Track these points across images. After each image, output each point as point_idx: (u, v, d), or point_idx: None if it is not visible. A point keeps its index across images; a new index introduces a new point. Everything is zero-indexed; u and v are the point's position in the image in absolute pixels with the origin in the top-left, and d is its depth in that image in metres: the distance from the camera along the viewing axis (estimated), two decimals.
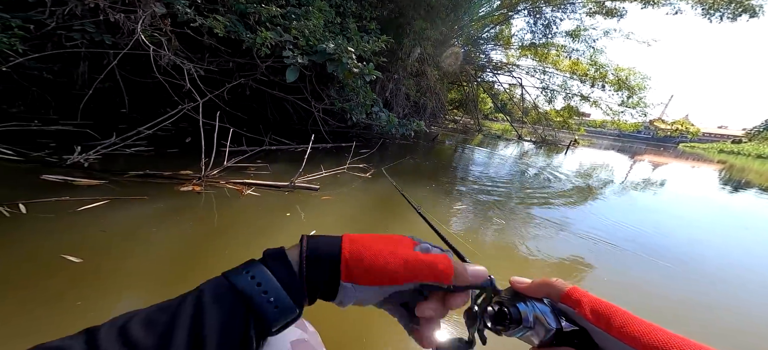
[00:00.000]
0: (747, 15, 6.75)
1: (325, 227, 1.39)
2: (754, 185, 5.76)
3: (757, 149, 23.32)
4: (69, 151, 1.71)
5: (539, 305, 0.27)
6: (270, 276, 0.23)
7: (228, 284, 0.22)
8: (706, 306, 1.21)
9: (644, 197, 3.27)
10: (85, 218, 1.19)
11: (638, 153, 12.42)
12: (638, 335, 0.21)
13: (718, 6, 7.12)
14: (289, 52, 2.55)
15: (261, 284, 0.23)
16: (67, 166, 1.54)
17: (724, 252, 1.86)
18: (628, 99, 9.58)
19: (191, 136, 2.49)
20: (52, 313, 0.76)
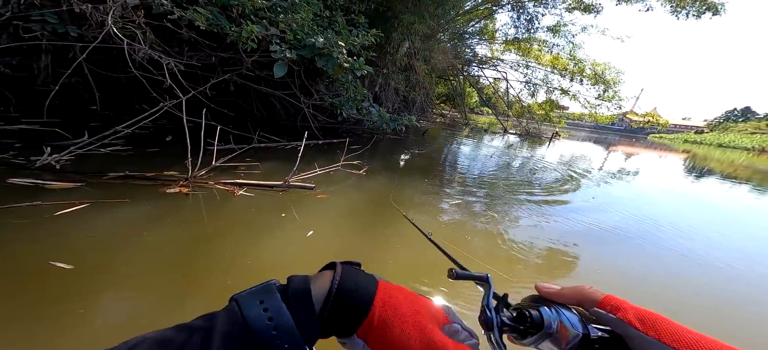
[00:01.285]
0: (710, 13, 7.26)
1: (323, 227, 1.38)
2: (716, 172, 6.31)
3: (717, 138, 25.43)
4: (37, 151, 1.57)
5: (566, 311, 0.26)
6: (288, 317, 0.21)
7: (242, 324, 0.20)
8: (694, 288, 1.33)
9: (622, 186, 3.49)
10: (66, 223, 1.11)
11: (613, 144, 13.17)
12: (693, 343, 0.21)
13: (684, 4, 7.60)
14: (276, 46, 2.46)
15: (277, 329, 0.20)
16: (36, 168, 1.42)
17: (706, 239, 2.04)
18: (604, 92, 10.08)
19: (172, 134, 2.36)
20: (56, 323, 0.72)
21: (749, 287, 1.37)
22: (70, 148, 1.50)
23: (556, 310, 0.26)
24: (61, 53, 2.17)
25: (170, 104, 1.83)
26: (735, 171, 6.96)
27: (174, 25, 2.25)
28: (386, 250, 1.25)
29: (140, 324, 0.76)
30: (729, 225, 2.40)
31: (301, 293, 0.22)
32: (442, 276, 1.05)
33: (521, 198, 2.30)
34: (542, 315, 0.26)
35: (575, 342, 0.25)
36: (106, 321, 0.75)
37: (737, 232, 2.20)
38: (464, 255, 1.28)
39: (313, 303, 0.22)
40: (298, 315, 0.22)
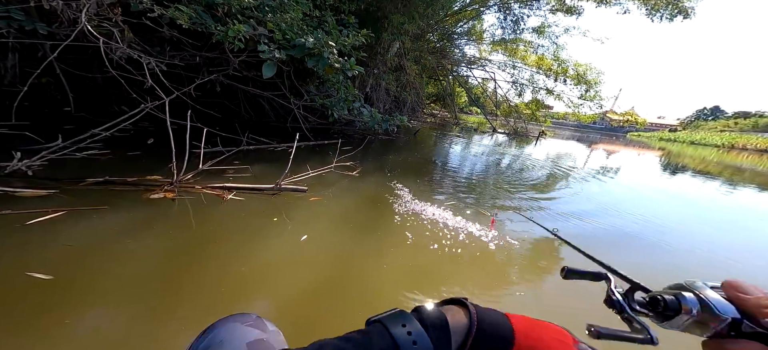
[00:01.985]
0: (681, 16, 7.71)
1: (317, 230, 1.36)
2: (689, 168, 6.71)
3: (689, 136, 27.03)
4: (5, 157, 1.46)
5: (713, 295, 0.26)
6: (428, 341, 0.23)
7: (392, 341, 0.22)
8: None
9: (603, 184, 3.64)
10: (41, 232, 1.04)
11: (595, 142, 13.75)
12: None
13: (658, 7, 8.05)
14: (264, 46, 2.41)
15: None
16: (5, 175, 1.32)
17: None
18: (586, 92, 10.49)
19: (154, 137, 2.26)
20: (40, 336, 0.68)
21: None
22: (42, 153, 1.40)
23: (706, 296, 0.26)
24: (29, 52, 2.03)
25: (152, 106, 1.76)
26: (707, 167, 7.42)
27: (154, 24, 2.16)
28: (382, 254, 1.25)
29: (132, 334, 0.72)
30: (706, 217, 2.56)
31: (439, 323, 0.24)
32: (437, 280, 1.07)
33: (511, 196, 2.36)
34: (680, 300, 0.26)
35: (723, 326, 0.25)
36: (95, 332, 0.71)
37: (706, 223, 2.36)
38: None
39: (451, 333, 0.24)
40: (436, 341, 0.23)
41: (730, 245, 1.94)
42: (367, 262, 1.17)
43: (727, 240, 2.02)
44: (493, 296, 1.08)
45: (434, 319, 0.24)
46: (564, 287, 1.11)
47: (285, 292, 0.95)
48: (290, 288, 0.97)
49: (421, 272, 1.15)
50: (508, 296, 1.09)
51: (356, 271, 1.11)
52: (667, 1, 7.77)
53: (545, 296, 1.10)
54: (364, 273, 1.11)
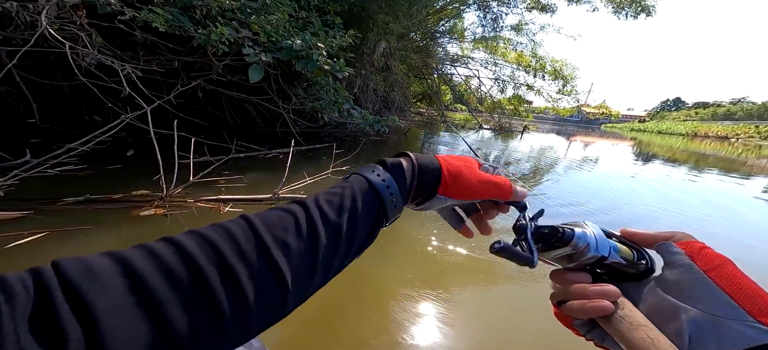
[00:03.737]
0: (644, 14, 8.37)
1: None
2: (659, 156, 7.27)
3: (657, 126, 29.26)
4: None
5: (603, 238, 0.28)
6: (394, 181, 0.31)
7: (368, 183, 0.30)
8: None
9: (584, 174, 3.87)
10: (21, 256, 0.96)
11: (573, 134, 14.55)
12: (724, 274, 0.23)
13: (623, 5, 8.68)
14: (249, 49, 2.34)
15: (389, 187, 0.30)
16: None
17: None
18: (564, 87, 11.07)
19: (134, 148, 2.12)
20: None
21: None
22: (13, 172, 1.27)
23: (594, 234, 0.28)
24: None
25: (133, 116, 1.65)
26: (674, 154, 8.07)
27: (127, 27, 2.03)
28: (383, 260, 1.24)
29: None
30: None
31: (397, 165, 0.32)
32: (440, 287, 1.08)
33: None
34: (574, 234, 0.28)
35: (588, 261, 0.28)
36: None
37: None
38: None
39: (405, 171, 0.32)
40: (397, 179, 0.31)
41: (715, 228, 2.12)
42: (370, 272, 1.16)
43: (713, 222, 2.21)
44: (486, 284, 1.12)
45: (393, 163, 0.32)
46: None
47: None
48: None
49: (423, 278, 1.15)
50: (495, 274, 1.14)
51: (358, 279, 1.10)
52: (631, 0, 8.39)
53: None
54: (369, 280, 1.11)
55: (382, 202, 0.30)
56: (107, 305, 0.16)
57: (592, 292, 0.27)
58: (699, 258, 0.25)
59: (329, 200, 0.28)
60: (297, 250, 0.24)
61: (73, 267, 0.16)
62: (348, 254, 0.28)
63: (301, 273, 0.24)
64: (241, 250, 0.22)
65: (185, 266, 0.19)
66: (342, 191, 0.29)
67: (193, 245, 0.20)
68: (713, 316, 0.22)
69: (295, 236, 0.24)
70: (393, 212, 0.31)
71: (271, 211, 0.26)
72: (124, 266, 0.18)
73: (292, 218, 0.25)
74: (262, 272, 0.22)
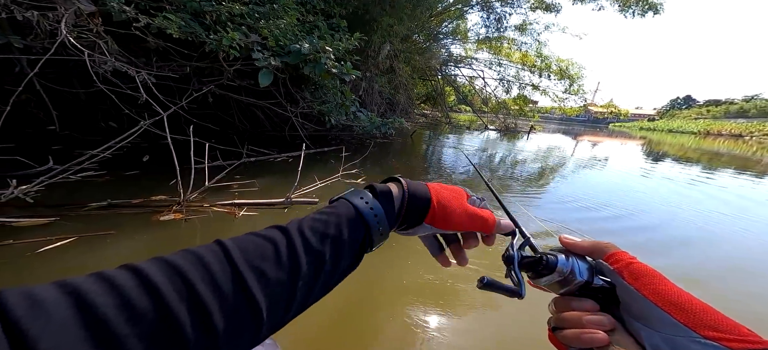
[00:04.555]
0: (652, 12, 8.32)
1: None
2: (670, 155, 7.20)
3: (667, 125, 28.91)
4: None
5: (580, 261, 0.30)
6: (381, 209, 0.31)
7: (355, 211, 0.30)
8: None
9: (598, 173, 3.85)
10: (55, 260, 1.00)
11: (580, 134, 14.46)
12: (661, 291, 0.24)
13: (629, 3, 8.64)
14: (259, 53, 2.40)
15: (377, 216, 0.31)
16: (1, 204, 1.25)
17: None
18: (570, 87, 11.04)
19: (149, 154, 2.19)
20: None
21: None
22: (40, 179, 1.33)
23: (572, 259, 0.29)
24: (5, 68, 1.93)
25: (150, 122, 1.71)
26: (686, 153, 7.98)
27: (141, 34, 2.10)
28: (398, 267, 1.26)
29: None
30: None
31: (386, 192, 0.33)
32: (447, 300, 1.09)
33: (518, 190, 2.46)
34: (558, 261, 0.29)
35: (575, 286, 0.29)
36: None
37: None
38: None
39: (394, 199, 0.33)
40: (385, 206, 0.32)
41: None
42: (383, 277, 1.18)
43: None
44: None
45: (382, 190, 0.33)
46: None
47: None
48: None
49: (431, 287, 1.16)
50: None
51: (367, 282, 1.12)
52: None
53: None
54: (380, 287, 1.12)
55: (368, 230, 0.30)
56: (52, 342, 0.14)
57: (587, 322, 0.27)
58: (628, 274, 0.26)
59: (313, 227, 0.27)
60: (275, 280, 0.23)
61: (15, 300, 0.15)
62: (329, 282, 0.28)
63: (279, 303, 0.23)
64: (214, 281, 0.20)
65: (148, 297, 0.18)
66: (327, 217, 0.29)
67: (159, 274, 0.19)
68: (666, 336, 0.22)
69: (275, 265, 0.23)
70: (378, 239, 0.31)
71: (250, 237, 0.25)
72: (76, 297, 0.16)
73: (271, 246, 0.24)
74: (237, 305, 0.21)
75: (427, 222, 0.34)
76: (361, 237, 0.30)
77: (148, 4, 2.13)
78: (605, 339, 0.25)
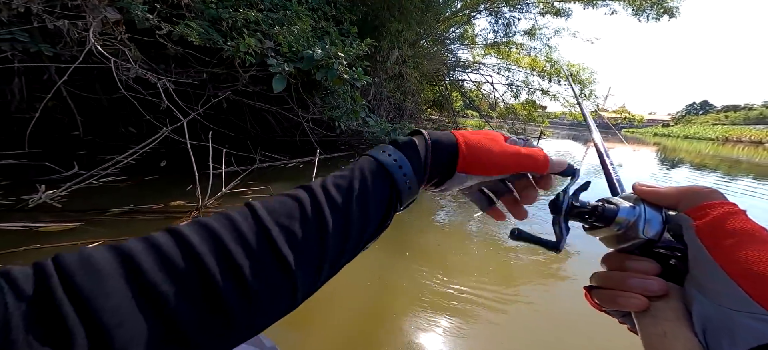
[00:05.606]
0: (668, 16, 8.26)
1: None
2: (686, 162, 7.08)
3: (683, 131, 28.34)
4: (26, 188, 1.46)
5: (653, 212, 0.24)
6: (406, 161, 0.29)
7: (377, 164, 0.28)
8: None
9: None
10: None
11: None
12: (744, 257, 0.18)
13: (644, 7, 8.60)
14: (273, 59, 2.49)
15: (402, 167, 0.29)
16: (29, 209, 1.32)
17: None
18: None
19: (166, 159, 2.27)
20: None
21: None
22: (67, 184, 1.40)
23: (641, 209, 0.25)
24: (34, 75, 2.05)
25: (171, 129, 1.79)
26: (703, 160, 7.82)
27: (163, 40, 2.21)
28: (411, 273, 1.29)
29: None
30: None
31: (410, 143, 0.31)
32: (462, 313, 1.11)
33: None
34: (619, 210, 0.25)
35: (633, 244, 0.25)
36: None
37: None
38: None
39: (418, 149, 0.30)
40: (410, 157, 0.30)
41: None
42: (399, 282, 1.20)
43: None
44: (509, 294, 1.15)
45: (405, 142, 0.31)
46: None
47: (300, 313, 0.99)
48: (306, 309, 1.02)
49: (445, 294, 1.16)
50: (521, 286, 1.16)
51: (377, 291, 1.14)
52: (653, 2, 8.32)
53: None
54: (386, 291, 1.15)
55: (395, 184, 0.28)
56: (109, 304, 0.16)
57: (630, 284, 0.23)
58: (709, 230, 0.21)
59: (337, 184, 0.26)
60: (303, 239, 0.23)
61: (73, 263, 0.17)
62: (360, 242, 0.27)
63: (309, 263, 0.23)
64: (244, 240, 0.21)
65: (187, 258, 0.19)
66: (351, 174, 0.27)
67: (195, 236, 0.20)
68: (724, 310, 0.18)
69: (301, 223, 0.23)
70: (407, 195, 0.29)
71: (276, 198, 0.25)
72: (125, 259, 0.18)
73: (297, 204, 0.24)
74: (266, 262, 0.21)
75: (461, 171, 0.30)
76: (388, 193, 0.28)
77: (169, 12, 2.24)
78: (643, 304, 0.22)
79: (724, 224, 0.20)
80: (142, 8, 2.05)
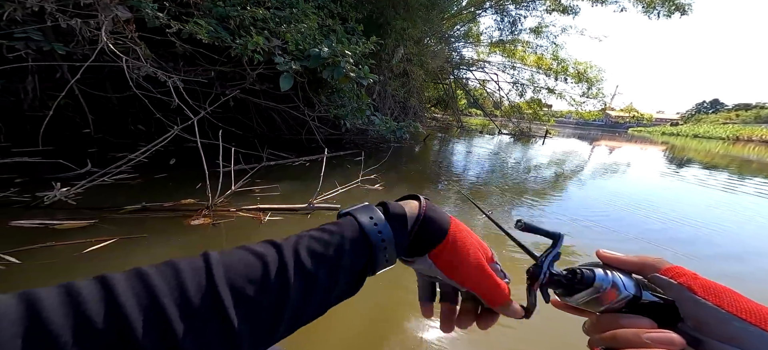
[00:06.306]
0: (679, 12, 8.12)
1: None
2: (695, 161, 6.99)
3: (692, 130, 27.99)
4: (41, 186, 1.49)
5: (623, 276, 0.28)
6: (390, 233, 0.28)
7: (360, 232, 0.28)
8: None
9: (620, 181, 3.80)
10: (98, 260, 1.08)
11: (598, 138, 14.17)
12: (743, 306, 0.23)
13: (654, 4, 8.47)
14: (280, 58, 2.51)
15: (384, 240, 0.28)
16: (45, 206, 1.36)
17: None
18: (589, 90, 10.88)
19: (175, 157, 2.31)
20: None
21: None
22: (82, 182, 1.44)
23: (612, 273, 0.28)
24: (46, 74, 2.09)
25: (182, 127, 1.82)
26: (713, 159, 7.73)
27: (167, 39, 2.24)
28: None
29: None
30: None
31: (399, 214, 0.30)
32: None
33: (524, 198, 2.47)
34: (595, 275, 0.28)
35: (620, 303, 0.27)
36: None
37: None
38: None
39: (407, 222, 0.30)
40: (395, 229, 0.29)
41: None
42: (400, 279, 1.20)
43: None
44: None
45: (395, 211, 0.30)
46: None
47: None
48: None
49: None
50: None
51: (386, 289, 1.15)
52: None
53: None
54: (396, 289, 1.15)
55: (372, 255, 0.28)
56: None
57: (651, 339, 0.23)
58: (699, 287, 0.24)
59: (310, 247, 0.26)
60: (258, 303, 0.22)
61: None
62: (322, 306, 0.26)
63: (260, 326, 0.22)
64: (185, 298, 0.20)
65: (107, 313, 0.17)
66: (329, 237, 0.27)
67: (127, 288, 0.18)
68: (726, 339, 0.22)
69: (260, 287, 0.22)
70: (382, 265, 0.29)
71: (240, 252, 0.24)
72: (31, 308, 0.16)
73: (260, 265, 0.23)
74: (207, 325, 0.20)
75: (431, 258, 0.30)
76: (363, 262, 0.28)
77: (178, 10, 2.27)
78: None
79: (699, 280, 0.25)
80: (153, 6, 2.08)
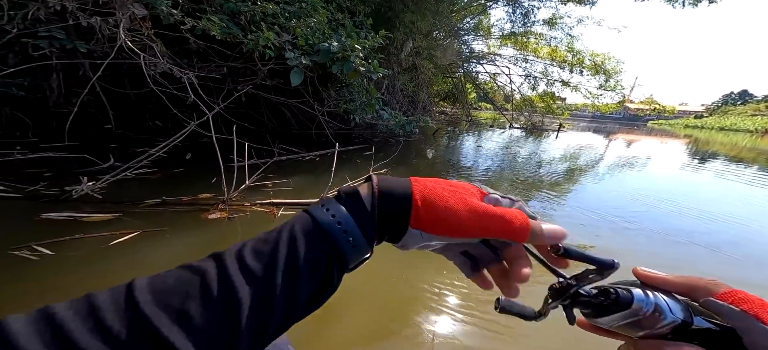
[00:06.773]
0: (707, 1, 7.60)
1: None
2: (720, 155, 6.67)
3: (718, 122, 26.64)
4: (68, 180, 1.57)
5: (668, 298, 0.25)
6: (347, 214, 0.26)
7: (312, 222, 0.25)
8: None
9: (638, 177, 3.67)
10: (124, 252, 1.13)
11: (617, 132, 13.69)
12: None
13: None
14: (290, 53, 2.54)
15: (341, 223, 0.25)
16: (73, 199, 1.43)
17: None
18: (606, 82, 10.50)
19: (191, 152, 2.38)
20: None
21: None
22: (107, 176, 1.51)
23: (654, 295, 0.25)
24: (70, 71, 2.19)
25: (198, 122, 1.88)
26: (739, 153, 7.35)
27: (180, 36, 2.30)
28: (436, 267, 1.30)
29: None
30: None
31: (351, 193, 0.27)
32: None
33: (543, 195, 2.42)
34: (633, 296, 0.25)
35: (665, 329, 0.24)
36: None
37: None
38: None
39: (363, 200, 0.27)
40: (352, 210, 0.26)
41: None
42: (424, 279, 1.20)
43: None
44: None
45: (347, 192, 0.27)
46: None
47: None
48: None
49: (482, 294, 1.18)
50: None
51: (398, 286, 1.16)
52: None
53: None
54: (407, 287, 1.15)
55: (335, 244, 0.25)
56: None
57: None
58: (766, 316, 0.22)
59: (257, 250, 0.24)
60: (204, 320, 0.20)
61: None
62: (293, 312, 0.24)
63: (215, 344, 0.20)
64: (106, 334, 0.18)
65: None
66: (277, 236, 0.24)
67: (33, 335, 0.17)
68: None
69: (200, 302, 0.20)
70: (353, 254, 0.26)
71: (173, 272, 0.22)
72: None
73: (197, 279, 0.21)
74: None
75: (415, 227, 0.26)
76: (325, 255, 0.25)
77: (191, 7, 2.32)
78: None
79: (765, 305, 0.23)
80: (167, 3, 2.13)
